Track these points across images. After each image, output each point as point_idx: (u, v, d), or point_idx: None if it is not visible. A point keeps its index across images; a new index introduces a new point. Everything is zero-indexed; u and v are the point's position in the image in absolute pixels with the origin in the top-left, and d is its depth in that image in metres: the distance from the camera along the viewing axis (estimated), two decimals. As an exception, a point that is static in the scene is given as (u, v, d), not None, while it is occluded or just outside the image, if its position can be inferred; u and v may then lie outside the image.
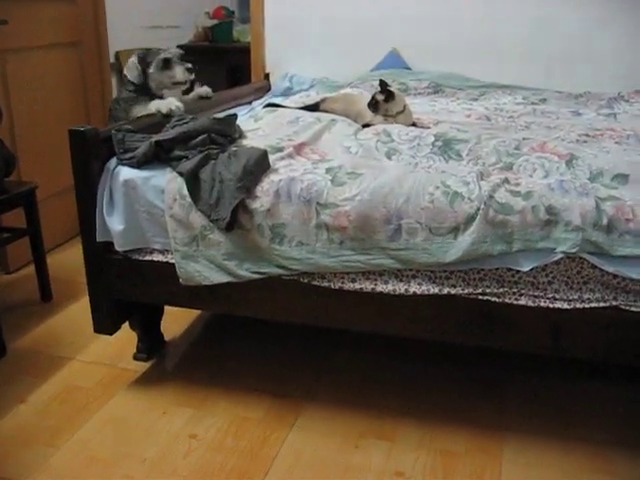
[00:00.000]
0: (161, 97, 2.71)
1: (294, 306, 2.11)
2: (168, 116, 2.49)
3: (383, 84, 2.58)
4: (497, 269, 1.89)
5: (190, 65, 2.80)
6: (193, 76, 2.81)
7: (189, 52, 4.91)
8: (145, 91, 2.71)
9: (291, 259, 1.99)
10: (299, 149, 2.24)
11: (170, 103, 2.56)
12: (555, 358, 2.39)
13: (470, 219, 1.85)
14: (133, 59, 2.75)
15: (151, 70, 2.72)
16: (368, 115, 2.60)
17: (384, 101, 2.54)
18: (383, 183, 1.94)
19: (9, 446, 2.05)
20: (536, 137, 2.31)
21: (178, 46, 4.88)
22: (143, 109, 2.61)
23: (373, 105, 2.58)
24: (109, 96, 3.93)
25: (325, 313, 2.08)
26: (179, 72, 2.76)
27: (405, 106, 2.57)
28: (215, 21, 5.25)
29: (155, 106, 2.56)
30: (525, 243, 1.84)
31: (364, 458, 2.01)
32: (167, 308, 2.57)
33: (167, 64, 2.75)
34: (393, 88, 2.59)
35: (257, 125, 2.59)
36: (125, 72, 2.76)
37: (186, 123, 2.27)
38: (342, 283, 2.00)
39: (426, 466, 1.98)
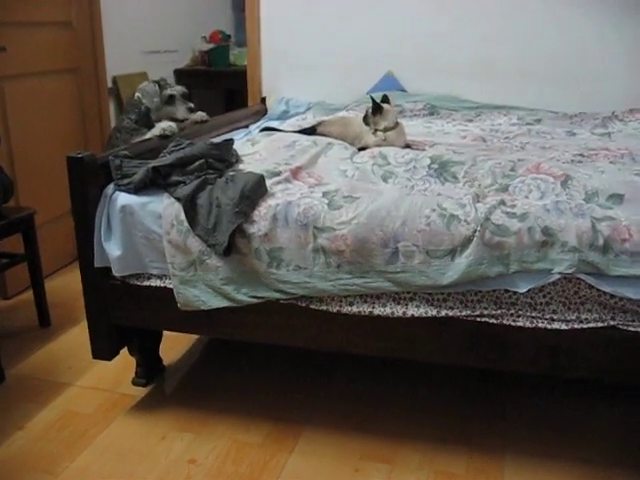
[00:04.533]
0: None
1: (292, 330, 2.10)
2: (163, 137, 2.52)
3: (384, 99, 2.61)
4: (494, 291, 1.90)
5: (192, 105, 2.89)
6: (192, 116, 2.89)
7: (186, 76, 4.99)
8: (147, 120, 2.72)
9: (289, 283, 1.99)
10: (296, 173, 2.25)
11: (161, 124, 2.61)
12: (555, 379, 2.39)
13: (467, 241, 1.86)
14: (152, 86, 2.78)
15: (157, 101, 2.77)
16: (364, 137, 2.62)
17: (372, 114, 2.56)
18: (380, 206, 1.95)
19: (7, 473, 2.04)
20: (531, 158, 2.32)
21: (175, 70, 4.97)
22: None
23: (365, 118, 2.61)
24: (107, 121, 3.96)
25: (323, 336, 2.08)
26: (180, 110, 2.85)
27: (397, 123, 2.59)
28: (212, 45, 5.28)
29: (150, 133, 2.61)
30: (522, 264, 1.85)
31: (364, 482, 2.01)
32: (165, 333, 2.57)
33: (171, 100, 2.83)
34: (387, 105, 2.60)
35: (254, 149, 2.60)
36: (140, 97, 2.77)
37: (183, 148, 2.28)
38: (340, 306, 2.01)
39: (427, 489, 1.98)
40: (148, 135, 2.62)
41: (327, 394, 2.45)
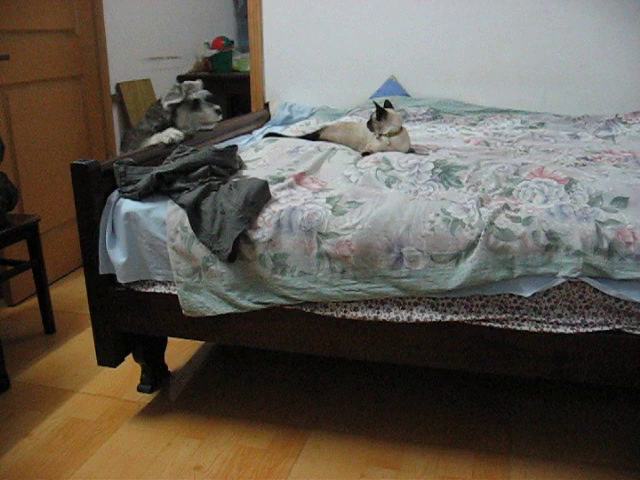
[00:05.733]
0: None
1: (297, 336, 2.10)
2: (171, 145, 2.51)
3: (387, 104, 2.61)
4: (499, 295, 1.90)
5: (218, 107, 2.81)
6: (220, 117, 2.83)
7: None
8: (168, 127, 2.71)
9: (293, 289, 1.99)
10: (299, 179, 2.26)
11: (169, 132, 2.59)
12: (560, 382, 2.39)
13: (471, 246, 1.85)
14: (174, 89, 2.74)
15: (182, 107, 2.74)
16: (368, 142, 2.62)
17: (376, 119, 2.56)
18: (384, 212, 1.95)
19: (13, 481, 2.05)
20: (535, 162, 2.32)
21: (178, 77, 4.98)
22: (147, 144, 2.62)
23: (369, 123, 2.61)
24: (111, 127, 3.97)
25: (328, 342, 2.08)
26: (209, 114, 2.78)
27: (402, 128, 2.58)
28: (215, 51, 5.30)
29: (156, 139, 2.60)
30: (526, 268, 1.84)
31: (370, 487, 2.00)
32: (170, 339, 2.57)
33: (196, 105, 2.76)
34: (392, 110, 2.60)
35: (258, 155, 2.61)
36: (164, 101, 2.71)
37: (187, 155, 2.29)
38: (345, 312, 2.00)
39: (433, 495, 1.97)
40: (153, 140, 2.60)
41: (332, 399, 2.45)
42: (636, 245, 1.79)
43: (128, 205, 2.14)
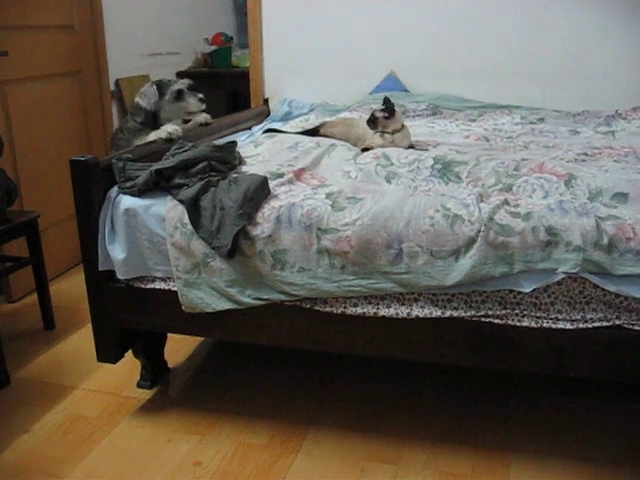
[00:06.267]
0: None
1: (296, 332, 2.10)
2: (169, 141, 2.51)
3: (387, 102, 2.60)
4: (499, 291, 1.89)
5: (201, 95, 2.84)
6: (204, 106, 2.85)
7: (188, 78, 4.97)
8: (153, 122, 2.71)
9: (293, 285, 1.99)
10: (299, 175, 2.25)
11: (167, 127, 2.58)
12: (560, 378, 2.39)
13: (471, 241, 1.85)
14: (150, 87, 2.76)
15: (165, 100, 2.75)
16: (367, 138, 2.62)
17: (384, 118, 2.55)
18: (383, 207, 1.94)
19: (13, 477, 2.04)
20: (535, 157, 2.32)
21: (177, 72, 4.97)
22: (145, 140, 2.62)
23: (372, 122, 2.59)
24: (110, 124, 3.97)
25: (328, 338, 2.08)
26: (193, 103, 2.81)
27: (403, 125, 2.58)
28: (214, 47, 5.30)
29: (154, 135, 2.59)
30: (526, 264, 1.84)
31: (370, 483, 2.00)
32: (170, 335, 2.57)
33: (179, 95, 2.78)
34: (396, 107, 2.60)
35: (257, 151, 2.61)
36: (138, 100, 2.74)
37: (186, 151, 2.28)
38: (344, 308, 2.00)
39: (432, 490, 1.97)
40: (152, 137, 2.60)
41: (332, 395, 2.45)
42: (636, 241, 1.79)
43: (127, 201, 2.13)
